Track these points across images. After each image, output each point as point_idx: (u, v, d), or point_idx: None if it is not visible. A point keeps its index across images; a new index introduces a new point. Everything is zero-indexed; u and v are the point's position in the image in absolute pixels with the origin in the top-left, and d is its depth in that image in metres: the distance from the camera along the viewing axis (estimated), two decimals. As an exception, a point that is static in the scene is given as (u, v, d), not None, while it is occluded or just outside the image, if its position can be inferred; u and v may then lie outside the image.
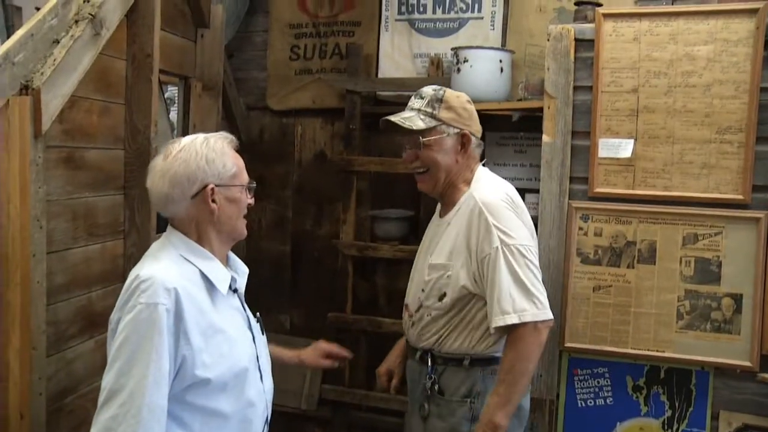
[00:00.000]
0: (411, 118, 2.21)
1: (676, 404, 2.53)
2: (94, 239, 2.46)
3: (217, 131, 3.20)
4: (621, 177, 2.54)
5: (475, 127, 2.27)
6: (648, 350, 2.53)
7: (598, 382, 2.61)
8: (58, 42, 2.07)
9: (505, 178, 3.35)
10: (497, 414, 2.03)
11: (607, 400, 2.60)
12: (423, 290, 2.23)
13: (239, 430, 1.82)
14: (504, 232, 2.07)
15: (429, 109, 2.21)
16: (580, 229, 2.57)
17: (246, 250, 3.85)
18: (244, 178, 1.85)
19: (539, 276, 2.10)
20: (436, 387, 2.20)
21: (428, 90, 2.25)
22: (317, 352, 2.41)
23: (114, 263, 2.61)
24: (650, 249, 2.51)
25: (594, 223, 2.56)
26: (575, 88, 2.58)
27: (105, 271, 2.55)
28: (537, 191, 2.69)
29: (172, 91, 3.73)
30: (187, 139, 1.81)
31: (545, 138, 2.60)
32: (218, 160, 1.78)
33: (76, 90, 2.18)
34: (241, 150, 1.96)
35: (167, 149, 1.80)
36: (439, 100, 2.21)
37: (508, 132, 3.40)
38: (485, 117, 3.33)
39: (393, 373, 2.48)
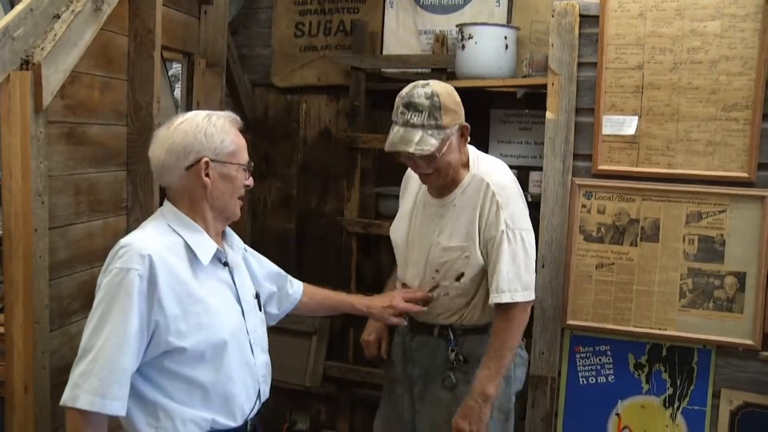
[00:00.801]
0: (422, 139, 2.17)
1: (678, 382, 2.53)
2: (96, 215, 2.47)
3: (221, 108, 3.26)
4: (625, 154, 2.53)
5: (464, 112, 2.30)
6: (650, 328, 2.53)
7: (600, 360, 2.61)
8: (59, 17, 2.06)
9: (511, 156, 3.44)
10: (488, 385, 2.19)
11: (609, 378, 2.60)
12: (438, 271, 2.30)
13: (221, 403, 1.83)
14: (510, 217, 2.20)
15: (432, 122, 2.18)
16: (584, 206, 2.56)
17: (251, 229, 3.86)
18: (243, 157, 1.87)
19: (533, 259, 2.25)
20: (461, 357, 2.32)
21: (421, 99, 2.18)
22: (388, 310, 2.36)
23: (116, 239, 2.53)
24: (654, 227, 2.50)
25: (597, 201, 2.55)
26: (579, 65, 2.56)
27: (107, 247, 2.50)
28: (541, 169, 2.67)
29: (176, 68, 3.73)
30: (191, 113, 1.86)
31: (549, 115, 2.58)
32: (217, 135, 1.81)
33: (77, 65, 2.17)
34: (245, 127, 1.98)
35: (171, 120, 1.85)
36: (438, 108, 2.18)
37: (513, 109, 3.37)
38: (489, 94, 3.34)
39: (381, 340, 2.54)
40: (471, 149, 2.36)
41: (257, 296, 2.01)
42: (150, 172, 2.64)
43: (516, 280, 2.19)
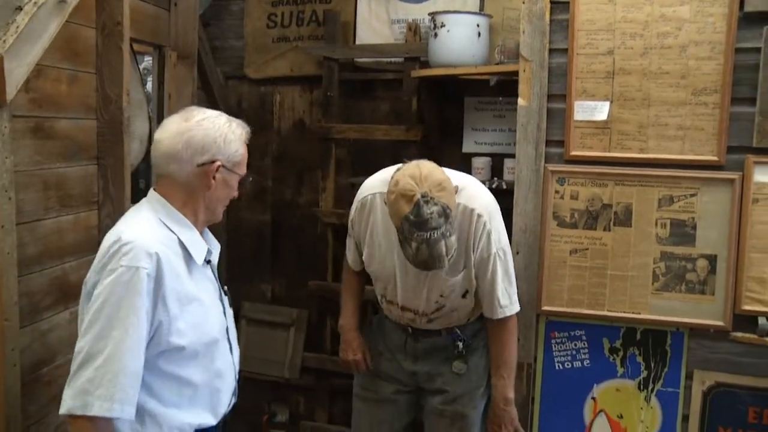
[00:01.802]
0: (447, 243, 2.07)
1: (652, 365, 2.54)
2: (66, 210, 2.44)
3: (193, 101, 3.22)
4: (597, 140, 2.53)
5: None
6: (624, 312, 2.54)
7: (575, 345, 2.62)
8: (21, 9, 2.02)
9: (485, 144, 3.44)
10: (508, 392, 2.37)
11: (584, 363, 2.61)
12: (443, 296, 2.35)
13: (208, 401, 1.84)
14: (498, 238, 2.27)
15: (448, 226, 2.07)
16: (557, 192, 2.56)
17: (226, 222, 3.83)
18: (244, 169, 1.90)
19: (512, 269, 2.35)
20: (468, 343, 2.44)
21: (431, 211, 2.02)
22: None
23: (88, 234, 2.59)
24: (626, 211, 2.51)
25: (570, 187, 2.56)
26: (551, 51, 2.55)
27: (79, 242, 2.53)
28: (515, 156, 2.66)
29: (148, 61, 3.68)
30: (211, 112, 1.84)
31: (521, 101, 2.57)
32: (234, 144, 1.82)
33: (42, 59, 2.13)
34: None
35: (189, 112, 1.82)
36: (446, 210, 2.05)
37: (487, 97, 3.38)
38: (463, 82, 3.34)
39: (365, 353, 2.57)
40: (447, 174, 2.22)
41: (227, 293, 2.00)
42: (122, 167, 2.65)
43: (508, 294, 2.32)
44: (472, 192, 2.28)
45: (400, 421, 2.56)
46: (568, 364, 2.63)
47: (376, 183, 2.43)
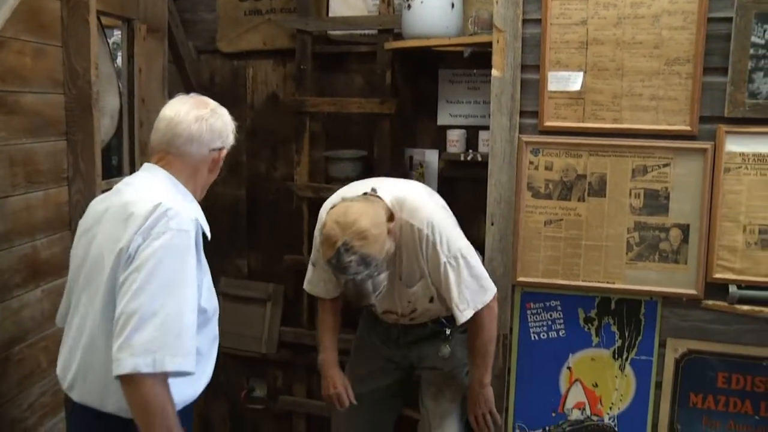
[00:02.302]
0: (375, 285, 2.22)
1: (626, 334, 2.57)
2: (35, 186, 2.40)
3: (164, 75, 3.17)
4: (571, 110, 2.52)
5: (383, 210, 2.25)
6: (599, 282, 2.56)
7: (551, 315, 2.64)
8: (-20, -22, 1.97)
9: (460, 116, 3.42)
10: (484, 377, 2.45)
11: (560, 333, 2.63)
12: (410, 302, 2.46)
13: (205, 369, 1.94)
14: (446, 246, 2.31)
15: (370, 270, 2.17)
16: (531, 163, 2.56)
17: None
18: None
19: (477, 261, 2.38)
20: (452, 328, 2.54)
21: (353, 266, 2.13)
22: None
23: (58, 211, 2.55)
24: (600, 182, 2.52)
25: (544, 157, 2.55)
26: (524, 21, 2.53)
27: (49, 219, 2.50)
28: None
29: (118, 35, 3.60)
30: (215, 104, 2.02)
31: (494, 72, 2.56)
32: (232, 136, 2.04)
33: (4, 30, 2.08)
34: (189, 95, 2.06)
35: (200, 100, 1.99)
36: (365, 259, 2.14)
37: (461, 69, 3.35)
38: (437, 54, 3.31)
39: (347, 387, 2.61)
40: (383, 192, 2.34)
41: None
42: (92, 142, 2.60)
43: (472, 291, 2.34)
44: (412, 205, 2.33)
45: (392, 377, 2.71)
46: (543, 335, 2.64)
47: (336, 200, 2.42)
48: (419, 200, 2.37)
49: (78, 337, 1.84)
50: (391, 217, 2.28)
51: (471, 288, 2.34)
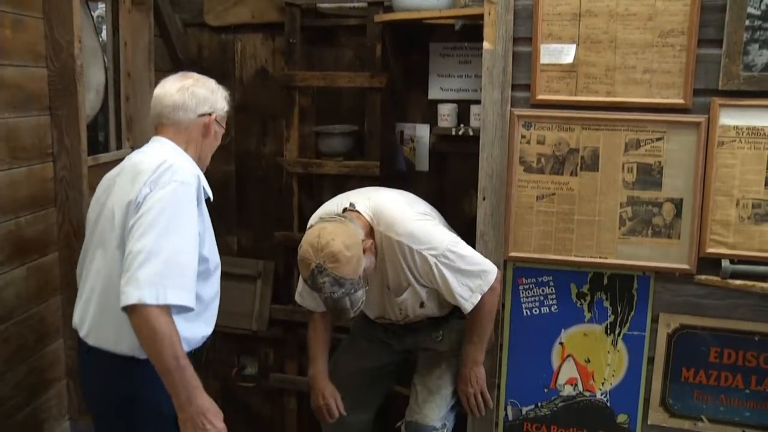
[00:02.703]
0: (353, 301, 2.32)
1: (619, 309, 2.56)
2: (18, 162, 2.36)
3: (150, 49, 3.12)
4: (563, 83, 2.49)
5: (360, 235, 2.31)
6: (591, 257, 2.54)
7: (543, 291, 2.62)
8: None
9: (451, 90, 3.39)
10: (477, 355, 2.54)
11: (552, 308, 2.62)
12: (401, 309, 2.58)
13: (207, 322, 2.11)
14: (432, 249, 2.38)
15: (349, 287, 2.27)
16: (523, 137, 2.53)
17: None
18: (224, 126, 2.25)
19: (468, 249, 2.44)
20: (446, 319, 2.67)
21: (327, 287, 2.24)
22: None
23: (44, 187, 2.52)
24: (593, 156, 2.49)
25: (537, 131, 2.52)
26: (516, -7, 2.49)
27: (34, 196, 2.46)
28: (481, 101, 2.63)
29: (102, 8, 3.54)
30: (202, 76, 2.21)
31: (486, 45, 2.52)
32: (222, 101, 2.22)
33: (-20, 0, 2.04)
34: (179, 70, 2.32)
35: (184, 75, 2.18)
36: (340, 279, 2.23)
37: (452, 42, 3.32)
38: (428, 27, 3.27)
39: (336, 399, 2.67)
40: (361, 206, 2.45)
41: None
42: (77, 117, 2.56)
43: (473, 279, 2.41)
44: (389, 218, 2.41)
45: (386, 358, 2.81)
46: (536, 310, 2.63)
47: (314, 220, 2.55)
48: (395, 211, 2.43)
49: (93, 288, 2.02)
50: (370, 232, 2.39)
51: (471, 275, 2.41)
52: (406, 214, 2.44)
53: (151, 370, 1.84)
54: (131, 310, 1.79)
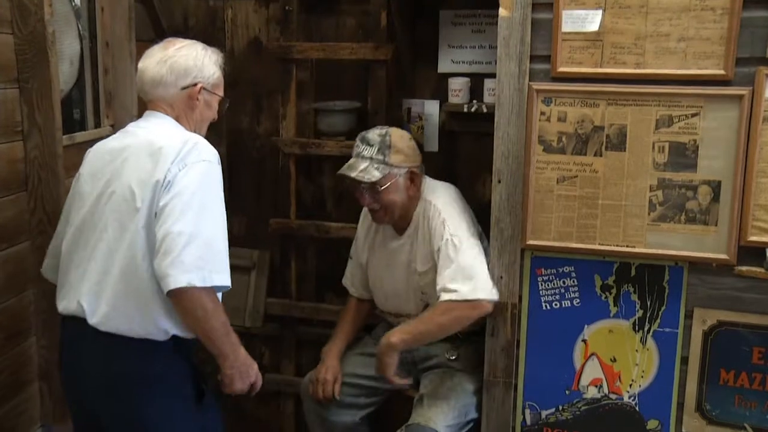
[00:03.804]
0: (366, 170, 2.66)
1: (648, 303, 2.48)
2: (-18, 141, 2.29)
3: (130, 16, 3.04)
4: (587, 54, 2.40)
5: (419, 159, 2.78)
6: (617, 246, 2.46)
7: (564, 282, 2.55)
8: None
9: (463, 63, 3.32)
10: (393, 336, 2.63)
11: (574, 302, 2.55)
12: (424, 293, 2.77)
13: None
14: (453, 227, 2.62)
15: (380, 157, 2.66)
16: (542, 113, 2.45)
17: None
18: (222, 91, 2.31)
19: (480, 258, 2.58)
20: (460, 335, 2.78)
21: (374, 136, 2.70)
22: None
23: (13, 168, 2.45)
24: (620, 134, 2.40)
25: (557, 107, 2.44)
26: (536, -48, 2.40)
27: (3, 179, 2.39)
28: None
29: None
30: (188, 41, 2.24)
31: (502, 12, 2.43)
32: (210, 67, 2.23)
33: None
34: (162, 39, 2.26)
35: (168, 42, 2.21)
36: (388, 146, 2.67)
37: (464, 9, 3.26)
38: (438, -8, 3.20)
39: (336, 381, 2.84)
40: (427, 183, 2.82)
41: None
42: (50, 90, 2.48)
43: (460, 282, 2.52)
44: (433, 187, 2.80)
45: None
46: (556, 304, 2.56)
47: None
48: (443, 188, 2.81)
49: (106, 269, 2.05)
50: (418, 188, 2.75)
51: (465, 277, 2.52)
52: (452, 195, 2.79)
53: (167, 349, 2.08)
54: (179, 293, 1.94)
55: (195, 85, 2.18)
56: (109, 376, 2.08)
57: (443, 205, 2.68)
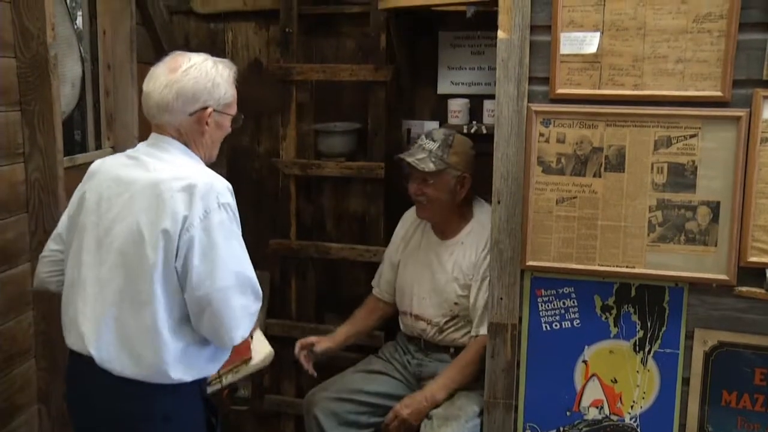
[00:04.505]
0: (424, 160, 2.80)
1: (648, 324, 2.47)
2: (-16, 163, 2.29)
3: (132, 39, 3.05)
4: (586, 75, 2.41)
5: (473, 169, 2.89)
6: (617, 266, 2.45)
7: (564, 303, 2.54)
8: None
9: (462, 84, 3.34)
10: (439, 393, 2.80)
11: (574, 323, 2.54)
12: (457, 303, 2.90)
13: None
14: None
15: (440, 152, 2.81)
16: (541, 135, 2.45)
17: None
18: (234, 109, 2.18)
19: None
20: None
21: (439, 134, 2.86)
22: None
23: (14, 190, 2.46)
24: (618, 155, 2.41)
25: (556, 128, 2.44)
26: (534, -24, 2.42)
27: (3, 201, 2.41)
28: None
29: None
30: (196, 58, 2.07)
31: (500, 34, 2.44)
32: (222, 86, 2.08)
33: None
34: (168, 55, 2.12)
35: (175, 61, 2.05)
36: (449, 146, 2.82)
37: (463, 31, 3.29)
38: (437, 15, 3.21)
39: (318, 355, 3.04)
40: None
41: None
42: (51, 113, 2.49)
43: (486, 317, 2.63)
44: (486, 209, 2.88)
45: (395, 382, 3.02)
46: (556, 325, 2.55)
47: None
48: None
49: (114, 316, 1.98)
50: (466, 197, 2.91)
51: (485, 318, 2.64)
52: None
53: (176, 389, 2.01)
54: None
55: (205, 109, 2.04)
56: (115, 414, 2.04)
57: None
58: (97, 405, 2.06)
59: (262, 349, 2.80)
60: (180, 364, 1.98)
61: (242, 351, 2.59)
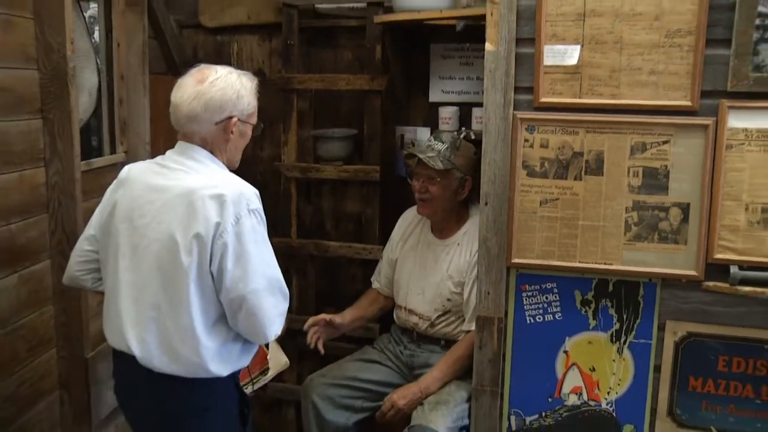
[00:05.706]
0: (433, 158, 2.88)
1: (624, 317, 2.54)
2: (9, 167, 2.35)
3: (144, 51, 3.11)
4: (567, 85, 2.48)
5: (475, 172, 2.86)
6: (596, 263, 2.52)
7: (547, 298, 2.61)
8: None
9: (452, 93, 3.39)
10: (434, 384, 2.88)
11: (556, 316, 2.60)
12: (449, 300, 2.98)
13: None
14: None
15: (448, 153, 2.90)
16: (526, 140, 2.52)
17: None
18: (255, 118, 2.23)
19: None
20: None
21: (448, 136, 2.93)
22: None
23: (35, 193, 2.51)
24: (598, 160, 2.48)
25: (540, 135, 2.51)
26: (519, -7, 2.48)
27: (25, 202, 2.46)
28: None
29: (94, 9, 3.54)
30: (222, 70, 2.11)
31: (488, 46, 2.51)
32: (246, 97, 2.13)
33: (-33, 1, 2.03)
34: (174, 72, 2.27)
35: (201, 73, 2.08)
36: (456, 148, 2.91)
37: (453, 43, 3.32)
38: (429, 28, 3.27)
39: (327, 332, 3.11)
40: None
41: None
42: (70, 121, 2.55)
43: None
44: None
45: (387, 371, 3.08)
46: (539, 318, 2.62)
47: None
48: None
49: (141, 309, 2.05)
50: (465, 199, 2.99)
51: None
52: None
53: (216, 383, 2.09)
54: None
55: (230, 119, 2.09)
56: (159, 406, 2.12)
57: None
58: (142, 398, 2.14)
59: (278, 360, 2.92)
60: (216, 360, 2.05)
61: (260, 362, 2.68)
